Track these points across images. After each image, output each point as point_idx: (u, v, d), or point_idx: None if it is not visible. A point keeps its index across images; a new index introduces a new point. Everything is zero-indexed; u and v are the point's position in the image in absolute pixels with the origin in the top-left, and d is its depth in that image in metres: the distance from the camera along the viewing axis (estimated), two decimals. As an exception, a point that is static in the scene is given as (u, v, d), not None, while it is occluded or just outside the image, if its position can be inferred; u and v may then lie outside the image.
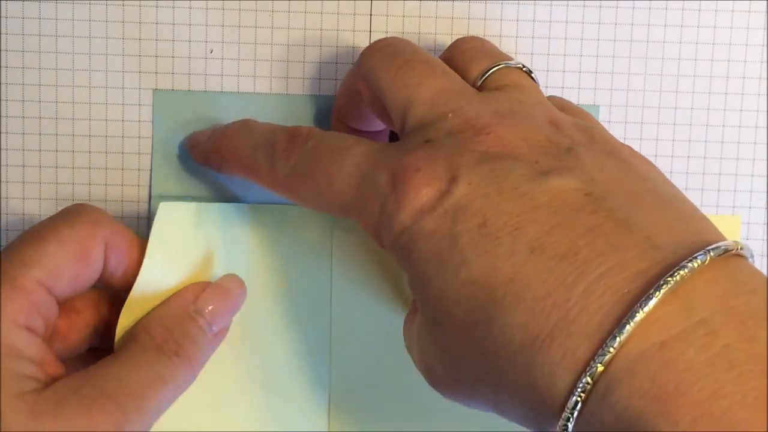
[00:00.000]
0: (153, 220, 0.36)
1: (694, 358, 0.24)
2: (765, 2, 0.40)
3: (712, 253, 0.26)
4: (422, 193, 0.29)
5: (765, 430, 0.23)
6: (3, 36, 0.39)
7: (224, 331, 0.36)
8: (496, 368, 0.27)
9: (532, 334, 0.26)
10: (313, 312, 0.38)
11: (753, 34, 0.40)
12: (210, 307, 0.36)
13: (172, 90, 0.39)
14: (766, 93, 0.40)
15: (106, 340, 0.36)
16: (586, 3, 0.39)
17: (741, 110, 0.40)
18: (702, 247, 0.26)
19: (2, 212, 0.39)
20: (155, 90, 0.39)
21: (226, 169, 0.36)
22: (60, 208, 0.35)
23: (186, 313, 0.35)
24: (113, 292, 0.36)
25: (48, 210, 0.39)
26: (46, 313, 0.33)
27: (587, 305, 0.26)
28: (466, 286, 0.28)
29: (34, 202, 0.39)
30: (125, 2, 0.39)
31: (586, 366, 0.25)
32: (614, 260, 0.26)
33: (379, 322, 0.39)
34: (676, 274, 0.25)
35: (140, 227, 0.39)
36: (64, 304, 0.35)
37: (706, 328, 0.25)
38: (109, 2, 0.39)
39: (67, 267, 0.33)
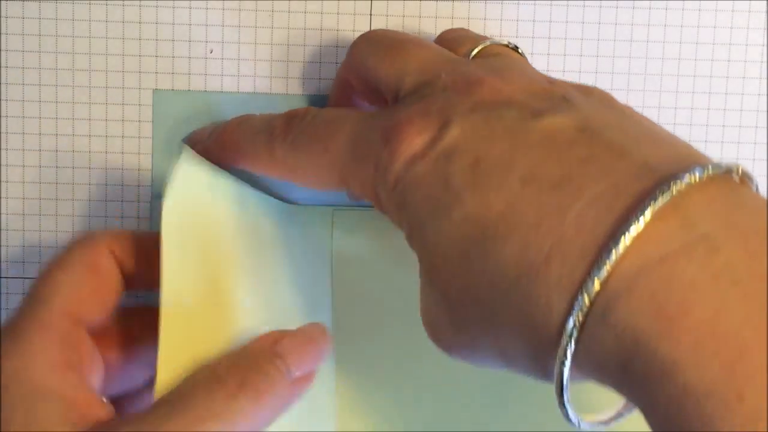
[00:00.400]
0: (157, 208, 0.36)
1: (696, 274, 0.23)
2: (765, 2, 0.40)
3: (710, 169, 0.25)
4: (415, 142, 0.29)
5: None
6: (3, 36, 0.39)
7: (308, 378, 0.33)
8: (495, 307, 0.26)
9: (526, 263, 0.25)
10: (314, 312, 0.38)
11: (753, 34, 0.40)
12: (289, 352, 0.32)
13: (172, 90, 0.39)
14: (766, 93, 0.40)
15: None
16: (586, 3, 0.39)
17: (741, 110, 0.40)
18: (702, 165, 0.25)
19: (2, 212, 0.39)
20: (155, 90, 0.39)
21: (229, 162, 0.36)
22: (60, 209, 0.35)
23: (262, 353, 0.32)
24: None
25: (48, 210, 0.39)
26: (78, 344, 0.31)
27: (582, 226, 0.25)
28: (460, 225, 0.27)
29: (34, 202, 0.39)
30: (125, 2, 0.39)
31: (582, 284, 0.24)
32: (610, 182, 0.25)
33: (380, 322, 0.39)
34: (672, 185, 0.24)
35: (140, 227, 0.39)
36: (126, 336, 0.34)
37: (707, 243, 0.23)
38: (109, 2, 0.39)
39: (82, 287, 0.32)
